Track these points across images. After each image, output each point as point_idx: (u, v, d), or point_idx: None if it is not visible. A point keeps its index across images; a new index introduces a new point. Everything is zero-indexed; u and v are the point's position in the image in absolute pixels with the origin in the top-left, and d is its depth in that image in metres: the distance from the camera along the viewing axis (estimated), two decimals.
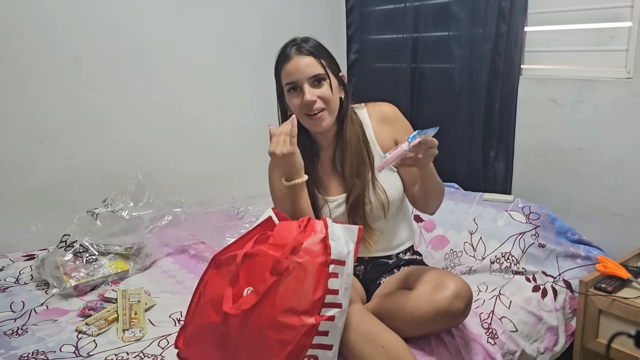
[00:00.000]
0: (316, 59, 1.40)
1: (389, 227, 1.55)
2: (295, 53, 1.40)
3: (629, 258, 1.74)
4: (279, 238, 1.21)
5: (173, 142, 2.36)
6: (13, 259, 1.92)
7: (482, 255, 1.84)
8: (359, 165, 1.47)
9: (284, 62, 1.42)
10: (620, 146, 1.89)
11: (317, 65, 1.40)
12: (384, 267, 1.55)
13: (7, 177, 1.96)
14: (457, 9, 2.24)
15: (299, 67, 1.39)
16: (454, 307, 1.26)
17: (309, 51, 1.41)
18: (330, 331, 1.14)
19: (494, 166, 2.24)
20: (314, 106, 1.39)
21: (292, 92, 1.42)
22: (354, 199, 1.45)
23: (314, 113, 1.40)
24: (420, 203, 1.52)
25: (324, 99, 1.40)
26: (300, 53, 1.40)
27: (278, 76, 1.45)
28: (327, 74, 1.41)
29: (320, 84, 1.41)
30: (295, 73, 1.39)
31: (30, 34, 1.94)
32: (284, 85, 1.43)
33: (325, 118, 1.42)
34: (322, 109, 1.41)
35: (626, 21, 1.84)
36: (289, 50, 1.42)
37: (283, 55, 1.43)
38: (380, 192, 1.47)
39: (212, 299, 1.21)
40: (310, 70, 1.39)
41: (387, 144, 1.52)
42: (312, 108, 1.40)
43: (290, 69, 1.40)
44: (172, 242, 2.05)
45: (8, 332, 1.48)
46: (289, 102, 1.44)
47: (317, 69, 1.40)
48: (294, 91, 1.42)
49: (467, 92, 2.27)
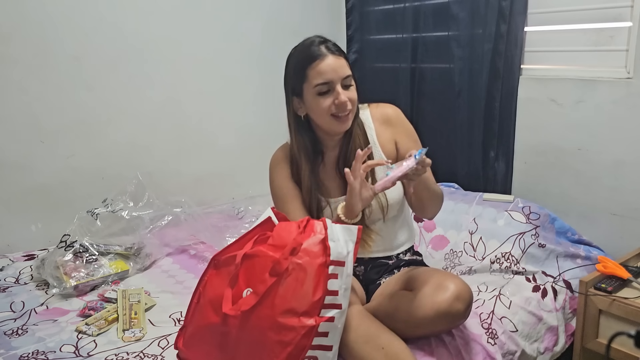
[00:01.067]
0: (345, 59, 1.38)
1: (388, 228, 1.54)
2: (327, 51, 1.36)
3: (629, 258, 1.74)
4: (278, 239, 1.21)
5: (173, 142, 2.36)
6: (13, 259, 1.92)
7: (482, 255, 1.84)
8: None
9: (313, 61, 1.35)
10: (620, 146, 1.89)
11: (347, 66, 1.38)
12: (384, 267, 1.55)
13: (7, 177, 1.96)
14: (457, 9, 2.24)
15: (334, 67, 1.34)
16: (455, 308, 1.26)
17: (340, 51, 1.38)
18: (330, 332, 1.14)
19: (494, 166, 2.24)
20: (347, 107, 1.37)
21: (323, 93, 1.36)
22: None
23: (343, 114, 1.37)
24: (417, 209, 1.51)
25: (352, 101, 1.38)
26: (332, 52, 1.36)
27: (301, 74, 1.37)
28: (354, 76, 1.40)
29: (350, 85, 1.39)
30: (330, 73, 1.34)
31: (30, 34, 1.94)
32: (315, 86, 1.35)
33: (350, 120, 1.40)
34: (350, 111, 1.39)
35: (626, 21, 1.84)
36: (320, 48, 1.36)
37: (312, 53, 1.35)
38: (380, 195, 1.46)
39: (211, 300, 1.21)
40: (344, 71, 1.36)
41: (388, 146, 1.50)
42: (344, 110, 1.36)
43: (325, 68, 1.34)
44: (172, 242, 2.05)
45: (8, 332, 1.48)
46: (315, 103, 1.37)
47: (348, 71, 1.37)
48: (325, 92, 1.36)
49: (467, 92, 2.27)
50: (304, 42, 1.40)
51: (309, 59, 1.36)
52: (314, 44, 1.37)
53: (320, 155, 1.50)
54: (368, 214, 1.47)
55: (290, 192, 1.49)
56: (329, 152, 1.51)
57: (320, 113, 1.38)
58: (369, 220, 1.48)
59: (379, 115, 1.52)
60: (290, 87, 1.42)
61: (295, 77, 1.40)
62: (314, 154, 1.48)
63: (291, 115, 1.45)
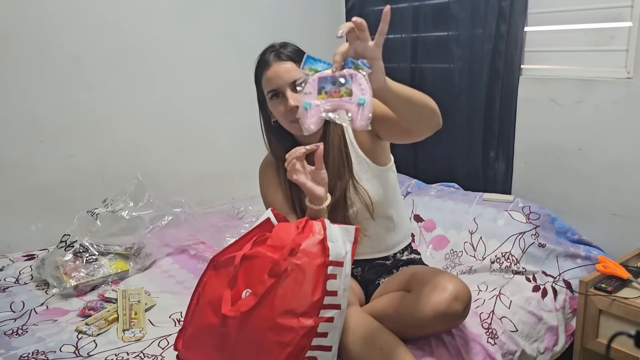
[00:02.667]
0: (296, 64, 1.38)
1: (379, 228, 1.53)
2: (274, 59, 1.39)
3: (629, 258, 1.74)
4: (277, 239, 1.21)
5: (173, 142, 2.36)
6: (13, 259, 1.92)
7: (482, 255, 1.84)
8: (339, 168, 1.44)
9: (263, 69, 1.40)
10: (620, 146, 1.89)
11: (298, 70, 1.37)
12: (382, 268, 1.55)
13: (7, 177, 1.96)
14: (456, 9, 2.24)
15: (279, 74, 1.37)
16: (453, 309, 1.26)
17: (288, 56, 1.39)
18: (330, 332, 1.14)
19: (494, 166, 2.24)
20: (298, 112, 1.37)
21: (274, 99, 1.39)
22: (334, 201, 1.40)
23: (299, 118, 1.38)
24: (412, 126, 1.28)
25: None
26: (280, 59, 1.38)
27: (259, 84, 1.43)
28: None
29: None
30: (276, 79, 1.37)
31: (30, 34, 1.94)
32: (266, 93, 1.41)
33: None
34: None
35: (626, 21, 1.84)
36: (268, 56, 1.40)
37: (262, 62, 1.41)
38: (363, 193, 1.45)
39: (210, 301, 1.21)
40: (291, 75, 1.36)
41: (366, 141, 1.49)
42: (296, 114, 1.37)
43: (271, 75, 1.38)
44: (172, 242, 2.05)
45: (8, 332, 1.48)
46: (273, 110, 1.42)
47: (297, 74, 1.36)
48: (276, 98, 1.39)
49: (467, 92, 2.27)
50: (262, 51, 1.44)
51: (259, 68, 1.42)
52: (265, 52, 1.42)
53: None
54: (354, 215, 1.46)
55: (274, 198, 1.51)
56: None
57: (280, 119, 1.41)
58: (355, 221, 1.47)
59: None
60: (260, 95, 1.47)
61: (257, 86, 1.45)
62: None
63: (263, 124, 1.50)
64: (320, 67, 1.06)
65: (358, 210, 1.47)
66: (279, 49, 1.41)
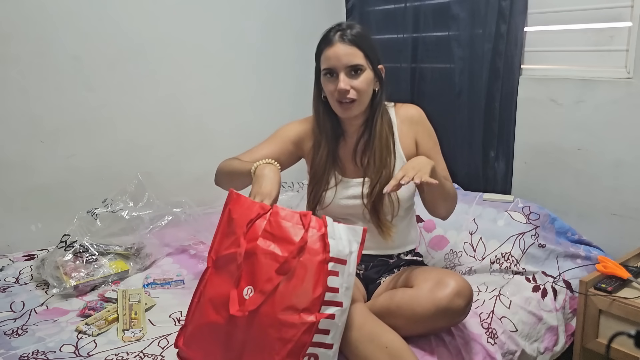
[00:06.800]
0: (358, 49, 1.41)
1: (395, 227, 1.54)
2: (338, 40, 1.41)
3: (629, 258, 1.74)
4: (277, 228, 1.19)
5: (173, 142, 2.36)
6: (13, 259, 1.92)
7: (482, 255, 1.84)
8: (385, 158, 1.48)
9: (325, 47, 1.43)
10: (620, 146, 1.89)
11: (357, 55, 1.41)
12: (384, 266, 1.55)
13: (7, 177, 1.96)
14: (457, 9, 2.24)
15: (338, 55, 1.40)
16: (455, 304, 1.27)
17: (351, 40, 1.41)
18: (331, 330, 1.14)
19: (494, 166, 2.24)
20: (347, 95, 1.41)
21: (328, 77, 1.44)
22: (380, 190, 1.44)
23: (345, 101, 1.42)
24: (429, 205, 1.52)
25: (357, 90, 1.41)
26: (343, 41, 1.41)
27: (318, 58, 1.47)
28: (365, 65, 1.42)
29: (357, 74, 1.42)
30: (333, 60, 1.40)
31: (30, 34, 1.94)
32: (322, 69, 1.45)
33: (354, 108, 1.44)
34: (353, 100, 1.42)
35: (626, 21, 1.84)
36: (332, 35, 1.42)
37: (326, 40, 1.44)
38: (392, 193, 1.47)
39: (211, 299, 1.21)
40: (349, 59, 1.40)
41: (409, 144, 1.54)
42: (344, 97, 1.41)
43: (330, 54, 1.41)
44: (172, 242, 2.05)
45: (8, 332, 1.48)
46: (324, 86, 1.46)
47: (355, 59, 1.40)
48: (329, 76, 1.43)
49: (467, 92, 2.27)
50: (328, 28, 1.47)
51: (322, 44, 1.45)
52: (331, 30, 1.44)
53: (341, 137, 1.55)
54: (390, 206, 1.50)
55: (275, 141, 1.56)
56: (348, 137, 1.55)
57: (328, 96, 1.46)
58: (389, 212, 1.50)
59: (402, 114, 1.56)
60: (317, 68, 1.50)
61: (316, 59, 1.49)
62: (335, 134, 1.53)
63: (315, 96, 1.53)
64: None
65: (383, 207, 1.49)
66: (344, 30, 1.43)
